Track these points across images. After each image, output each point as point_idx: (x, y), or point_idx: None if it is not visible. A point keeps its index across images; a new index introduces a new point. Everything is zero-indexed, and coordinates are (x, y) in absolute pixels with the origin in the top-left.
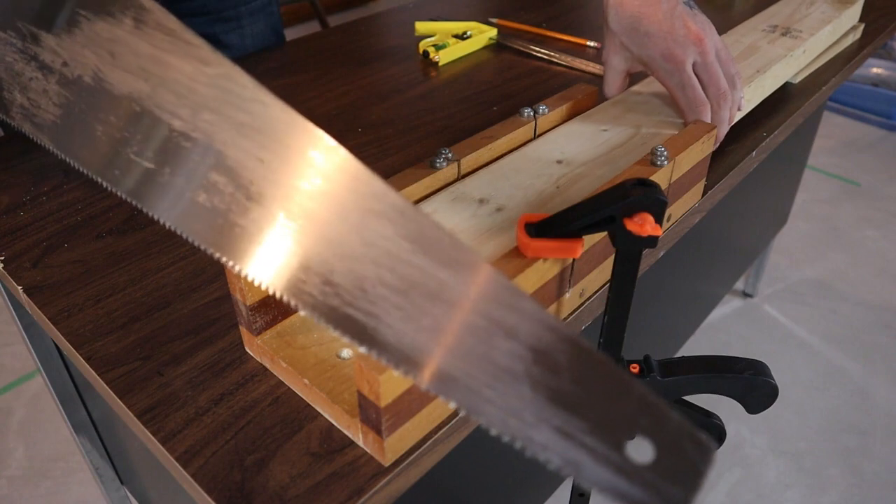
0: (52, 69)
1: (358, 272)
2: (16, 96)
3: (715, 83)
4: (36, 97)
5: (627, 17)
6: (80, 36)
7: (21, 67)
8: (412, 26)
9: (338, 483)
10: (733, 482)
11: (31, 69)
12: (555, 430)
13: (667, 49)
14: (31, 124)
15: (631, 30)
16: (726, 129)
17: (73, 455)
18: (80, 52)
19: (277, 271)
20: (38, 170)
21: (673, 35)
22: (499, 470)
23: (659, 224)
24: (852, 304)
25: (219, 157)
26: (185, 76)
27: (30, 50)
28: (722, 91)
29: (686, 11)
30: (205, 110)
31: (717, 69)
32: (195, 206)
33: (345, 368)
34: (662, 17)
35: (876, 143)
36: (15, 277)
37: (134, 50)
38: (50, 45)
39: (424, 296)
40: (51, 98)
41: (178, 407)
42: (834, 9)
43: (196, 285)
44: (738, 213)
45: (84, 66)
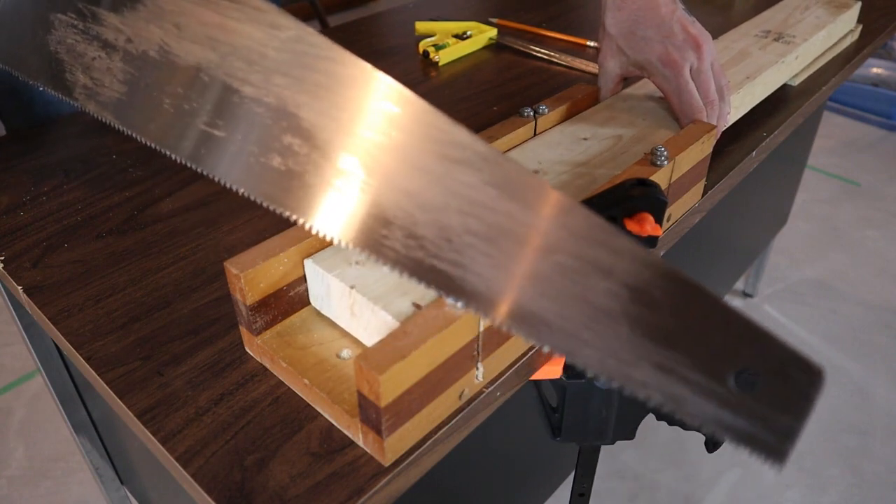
0: (115, 47)
1: (442, 222)
2: (78, 77)
3: (705, 91)
4: (100, 76)
5: (626, 20)
6: (143, 11)
7: (83, 48)
8: (412, 26)
9: (338, 483)
10: (733, 482)
11: (93, 49)
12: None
13: (665, 53)
14: (96, 103)
15: (629, 33)
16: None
17: (73, 455)
18: (145, 27)
19: (359, 229)
20: (38, 170)
21: (672, 39)
22: (499, 470)
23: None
24: (852, 304)
25: (293, 120)
26: (256, 42)
27: (91, 30)
28: (710, 100)
29: (685, 17)
30: (277, 74)
31: (710, 77)
32: (270, 170)
33: (345, 368)
34: (661, 21)
35: (876, 143)
36: (15, 277)
37: (200, 20)
38: (113, 23)
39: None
40: (115, 75)
41: (178, 407)
42: (829, 14)
43: (196, 285)
44: (738, 213)
45: (149, 40)
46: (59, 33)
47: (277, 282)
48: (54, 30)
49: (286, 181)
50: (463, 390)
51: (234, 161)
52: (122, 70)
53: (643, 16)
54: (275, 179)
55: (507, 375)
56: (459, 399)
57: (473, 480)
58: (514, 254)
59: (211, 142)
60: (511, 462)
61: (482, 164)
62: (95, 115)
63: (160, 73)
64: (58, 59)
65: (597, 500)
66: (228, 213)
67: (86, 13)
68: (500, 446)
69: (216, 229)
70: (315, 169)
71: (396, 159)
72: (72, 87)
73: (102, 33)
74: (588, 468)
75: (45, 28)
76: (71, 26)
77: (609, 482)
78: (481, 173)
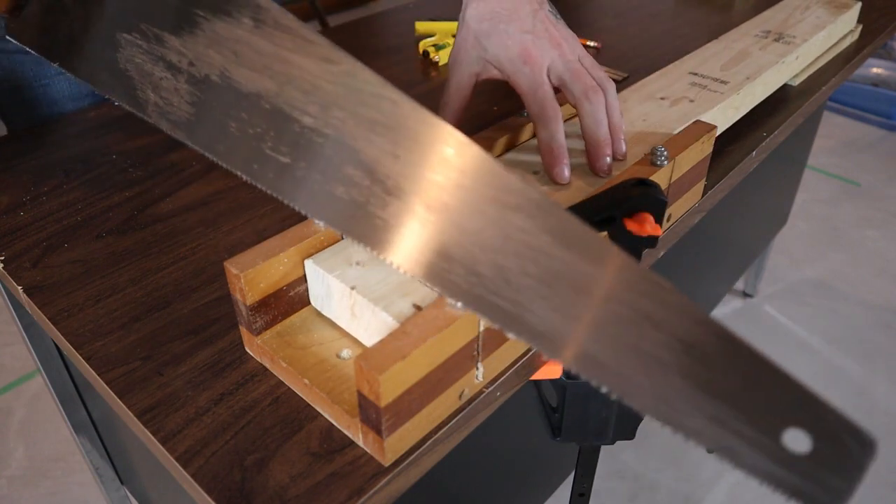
0: (179, 69)
1: (500, 263)
2: (149, 95)
3: (579, 79)
4: (168, 95)
5: (488, 12)
6: (202, 37)
7: (150, 68)
8: (412, 26)
9: (338, 483)
10: (733, 482)
11: (159, 69)
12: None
13: (524, 49)
14: (167, 121)
15: (490, 26)
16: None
17: (73, 455)
18: (205, 52)
19: (422, 261)
20: (38, 170)
21: (534, 35)
22: (499, 470)
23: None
24: (852, 304)
25: (353, 153)
26: (310, 74)
27: (156, 51)
28: (590, 85)
29: (549, 17)
30: (334, 107)
31: (580, 68)
32: (333, 198)
33: (345, 368)
34: (524, 16)
35: (876, 143)
36: (15, 277)
37: (256, 49)
38: (175, 45)
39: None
40: (182, 96)
41: (178, 407)
42: (829, 14)
43: (196, 285)
44: (738, 213)
45: (210, 65)
46: (126, 52)
47: (277, 282)
48: (122, 48)
49: (350, 210)
50: (463, 390)
51: (299, 186)
52: (188, 91)
53: (506, 9)
54: (340, 208)
55: (507, 375)
56: (459, 399)
57: (473, 480)
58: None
59: (276, 166)
60: (511, 462)
61: (535, 211)
62: (169, 133)
63: (223, 97)
64: (128, 77)
65: (597, 500)
66: (228, 213)
67: (149, 35)
68: (500, 446)
69: (216, 229)
70: (377, 201)
71: (455, 199)
72: (144, 105)
73: (166, 55)
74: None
75: (113, 46)
76: (136, 46)
77: (609, 482)
78: (535, 220)
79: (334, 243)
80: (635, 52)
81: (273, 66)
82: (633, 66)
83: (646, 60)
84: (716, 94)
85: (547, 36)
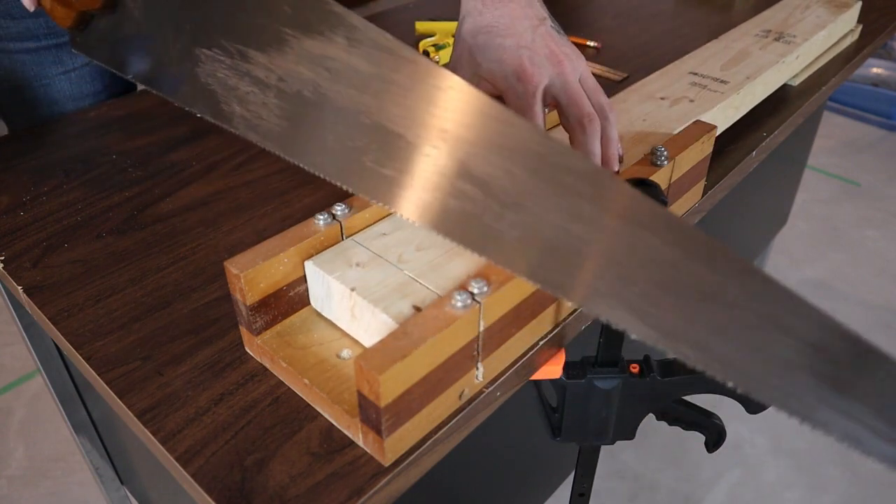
0: (267, 84)
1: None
2: (235, 108)
3: (577, 104)
4: (256, 109)
5: (485, 26)
6: (290, 54)
7: (235, 82)
8: (412, 26)
9: (338, 483)
10: (733, 482)
11: (245, 84)
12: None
13: (520, 66)
14: (256, 133)
15: (486, 40)
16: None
17: (73, 455)
18: (295, 68)
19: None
20: (38, 170)
21: (531, 51)
22: (499, 470)
23: None
24: (852, 304)
25: (462, 168)
26: (412, 92)
27: (240, 66)
28: (586, 112)
29: (550, 33)
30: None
31: (580, 91)
32: (446, 210)
33: (345, 368)
34: (523, 31)
35: (876, 143)
36: (15, 277)
37: (351, 66)
38: (261, 61)
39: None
40: (272, 110)
41: (178, 407)
42: (829, 13)
43: (196, 285)
44: (738, 213)
45: (301, 81)
46: (207, 66)
47: (277, 282)
48: (202, 63)
49: (464, 221)
50: (463, 390)
51: (405, 198)
52: (278, 106)
53: (504, 23)
54: (452, 219)
55: (507, 375)
56: (459, 399)
57: (473, 480)
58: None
59: (379, 178)
60: (511, 462)
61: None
62: (258, 144)
63: (318, 112)
64: (210, 90)
65: (597, 500)
66: (228, 213)
67: (231, 51)
68: (500, 446)
69: (216, 229)
70: (491, 213)
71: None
72: (230, 117)
73: (252, 70)
74: (588, 468)
75: (193, 61)
76: (218, 61)
77: (609, 482)
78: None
79: (334, 244)
80: (635, 52)
81: (372, 84)
82: (633, 66)
83: (646, 60)
84: (716, 93)
85: (547, 52)
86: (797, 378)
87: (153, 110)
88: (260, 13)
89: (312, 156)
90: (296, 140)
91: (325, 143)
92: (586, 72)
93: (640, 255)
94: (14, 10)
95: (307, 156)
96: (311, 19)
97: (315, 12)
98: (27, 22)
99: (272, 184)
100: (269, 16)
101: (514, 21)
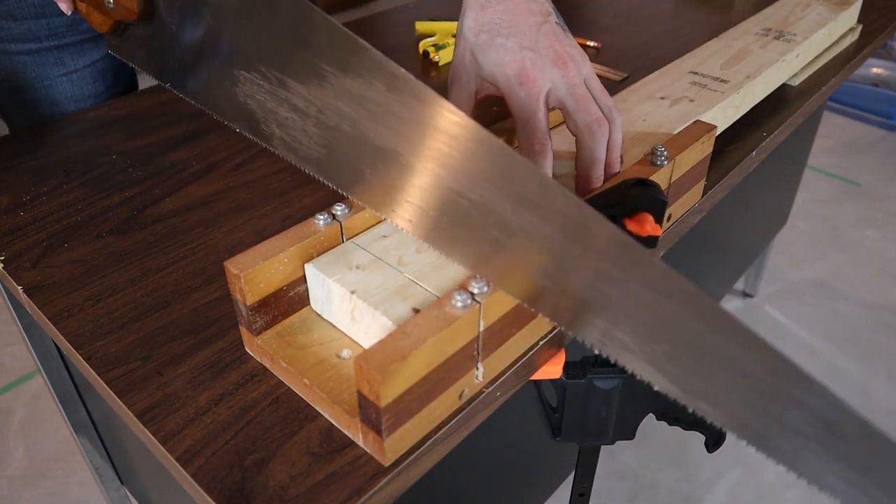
0: (307, 113)
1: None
2: (274, 130)
3: (584, 107)
4: (295, 134)
5: (487, 23)
6: (329, 89)
7: (274, 106)
8: (412, 26)
9: (338, 483)
10: (733, 482)
11: (284, 109)
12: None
13: (522, 68)
14: (296, 156)
15: (487, 39)
16: (601, 175)
17: (73, 455)
18: (334, 103)
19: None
20: (38, 170)
21: (535, 51)
22: (499, 470)
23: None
24: (852, 304)
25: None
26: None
27: (279, 93)
28: (595, 117)
29: (555, 31)
30: (478, 177)
31: (587, 95)
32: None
33: (345, 368)
34: (527, 29)
35: (876, 143)
36: (15, 277)
37: (390, 111)
38: (300, 92)
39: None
40: (311, 138)
41: (178, 407)
42: (830, 11)
43: (196, 285)
44: (738, 213)
45: (341, 116)
46: (245, 87)
47: (277, 282)
48: (240, 83)
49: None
50: (463, 390)
51: (439, 236)
52: (317, 135)
53: (507, 20)
54: (483, 259)
55: (507, 375)
56: (459, 399)
57: (473, 480)
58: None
59: (417, 212)
60: (511, 462)
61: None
62: (298, 166)
63: (356, 146)
64: (249, 110)
65: (597, 500)
66: (228, 213)
67: (271, 78)
68: (500, 446)
69: (216, 229)
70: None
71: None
72: (269, 137)
73: (291, 99)
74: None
75: (231, 80)
76: (257, 84)
77: (609, 482)
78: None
79: (335, 244)
80: (635, 52)
81: (411, 131)
82: (633, 66)
83: (646, 60)
84: (716, 93)
85: (551, 53)
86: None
87: (153, 110)
88: (300, 47)
89: (350, 185)
90: (333, 168)
91: (363, 175)
92: (591, 73)
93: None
94: (16, 11)
95: (346, 184)
96: (352, 62)
97: (355, 56)
98: (29, 23)
99: (272, 184)
100: (309, 51)
101: (517, 17)
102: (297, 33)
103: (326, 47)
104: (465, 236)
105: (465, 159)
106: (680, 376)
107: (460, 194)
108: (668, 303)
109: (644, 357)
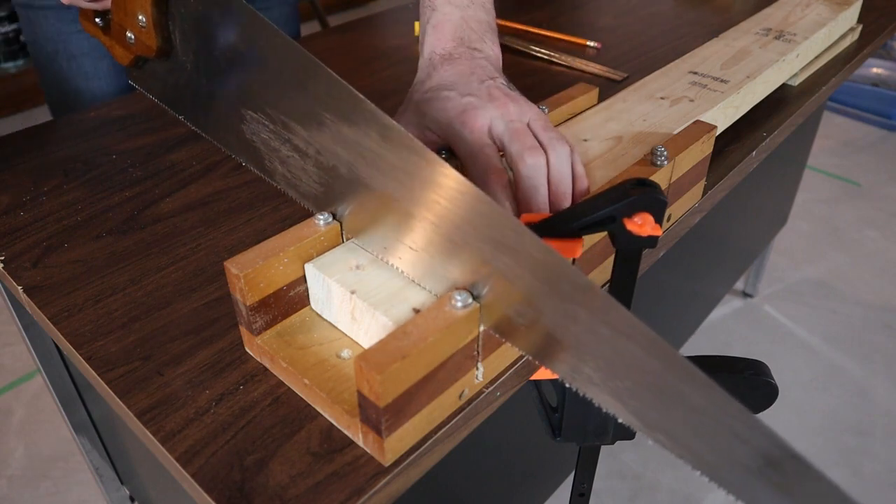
0: (306, 154)
1: (617, 373)
2: (277, 167)
3: (518, 139)
4: (296, 171)
5: (433, 86)
6: (328, 133)
7: (277, 145)
8: (412, 26)
9: (338, 483)
10: None
11: (286, 149)
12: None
13: (464, 110)
14: (296, 192)
15: (432, 96)
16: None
17: (73, 455)
18: (332, 146)
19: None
20: (38, 170)
21: (476, 97)
22: (499, 470)
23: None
24: (852, 304)
25: (484, 264)
26: (439, 192)
27: (282, 134)
28: (528, 146)
29: (500, 86)
30: (464, 224)
31: (524, 128)
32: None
33: (345, 368)
34: (471, 83)
35: (876, 143)
36: (15, 277)
37: (384, 158)
38: (301, 133)
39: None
40: (311, 176)
41: (178, 407)
42: (830, 11)
43: (196, 285)
44: (738, 213)
45: (337, 158)
46: (252, 126)
47: (277, 282)
48: (247, 122)
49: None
50: (463, 390)
51: (432, 273)
52: (316, 174)
53: (451, 81)
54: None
55: (507, 375)
56: (459, 399)
57: (473, 480)
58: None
59: (411, 252)
60: (511, 462)
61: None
62: (297, 201)
63: (352, 186)
64: (255, 147)
65: (597, 500)
66: (228, 213)
67: (275, 119)
68: (500, 446)
69: (216, 229)
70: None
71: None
72: (272, 173)
73: (292, 139)
74: (588, 468)
75: (238, 118)
76: (262, 124)
77: (609, 482)
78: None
79: (335, 244)
80: (635, 52)
81: (402, 177)
82: (633, 66)
83: (646, 60)
84: (716, 93)
85: (489, 98)
86: (751, 478)
87: (153, 110)
88: (301, 94)
89: (348, 221)
90: (330, 206)
91: (360, 213)
92: (535, 114)
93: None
94: None
95: (344, 221)
96: (348, 111)
97: (350, 105)
98: None
99: (272, 184)
100: (309, 98)
101: (461, 77)
102: (300, 82)
103: (326, 96)
104: (449, 273)
105: (451, 206)
106: (640, 410)
107: (447, 237)
108: (629, 344)
109: (608, 391)
